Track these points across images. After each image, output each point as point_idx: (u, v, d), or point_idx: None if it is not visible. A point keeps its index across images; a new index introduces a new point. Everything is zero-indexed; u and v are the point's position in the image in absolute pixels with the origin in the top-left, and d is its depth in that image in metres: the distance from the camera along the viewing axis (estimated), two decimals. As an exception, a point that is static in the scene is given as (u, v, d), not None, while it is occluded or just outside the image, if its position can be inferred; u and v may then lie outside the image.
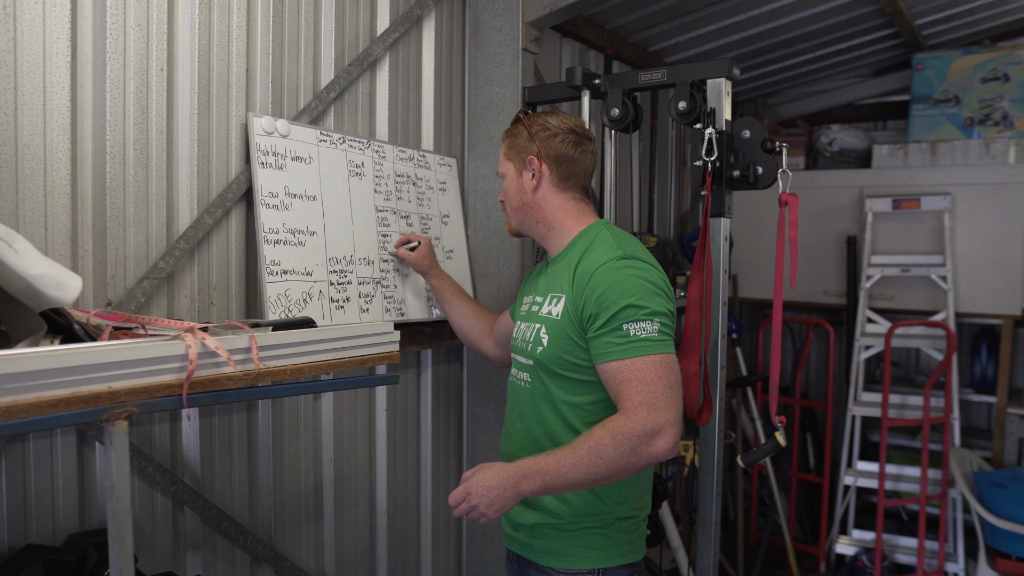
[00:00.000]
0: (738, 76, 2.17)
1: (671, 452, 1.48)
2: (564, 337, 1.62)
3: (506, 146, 1.83)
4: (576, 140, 1.76)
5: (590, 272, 1.58)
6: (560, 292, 1.66)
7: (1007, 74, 3.89)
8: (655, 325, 1.51)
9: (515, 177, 1.79)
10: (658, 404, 1.47)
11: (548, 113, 1.81)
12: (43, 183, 1.58)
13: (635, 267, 1.57)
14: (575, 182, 1.77)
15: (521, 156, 1.77)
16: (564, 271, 1.68)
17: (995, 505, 3.10)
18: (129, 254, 1.75)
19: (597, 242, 1.67)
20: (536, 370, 1.70)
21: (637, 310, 1.51)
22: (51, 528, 1.62)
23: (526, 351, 1.73)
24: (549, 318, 1.67)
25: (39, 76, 1.57)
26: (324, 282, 2.07)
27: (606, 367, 1.54)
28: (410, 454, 2.62)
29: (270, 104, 2.05)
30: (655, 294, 1.55)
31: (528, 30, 2.58)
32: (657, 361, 1.50)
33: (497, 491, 1.44)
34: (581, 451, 1.45)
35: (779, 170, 2.06)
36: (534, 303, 1.78)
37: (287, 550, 2.16)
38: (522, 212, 1.79)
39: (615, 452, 1.44)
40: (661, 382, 1.48)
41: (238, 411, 2.02)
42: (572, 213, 1.76)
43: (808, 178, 4.23)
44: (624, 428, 1.45)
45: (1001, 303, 3.68)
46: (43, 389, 1.11)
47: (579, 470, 1.44)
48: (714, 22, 3.44)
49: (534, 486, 1.45)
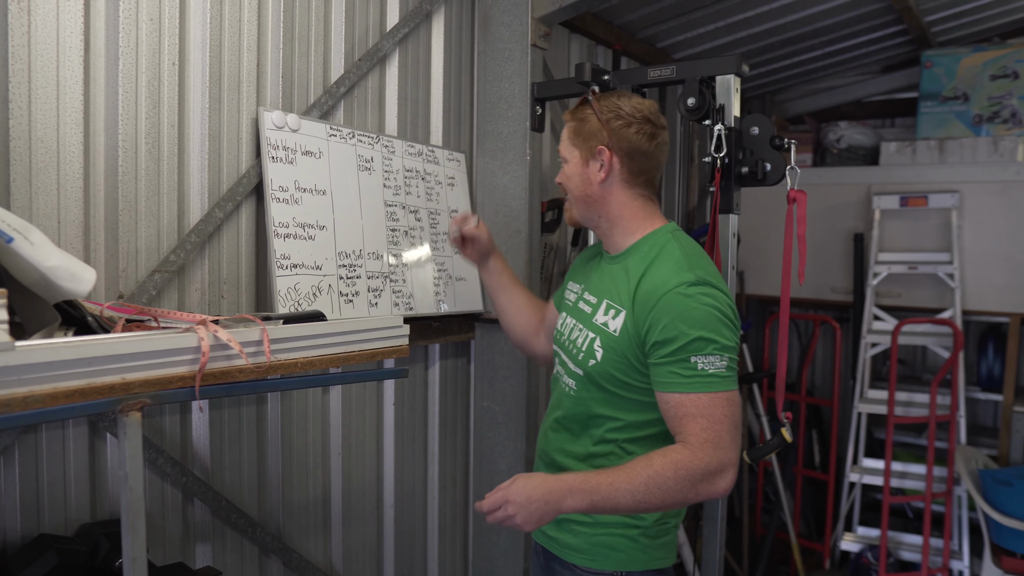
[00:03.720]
0: (747, 73, 2.17)
1: (728, 491, 1.42)
2: (620, 356, 1.51)
3: (571, 130, 1.63)
4: (652, 132, 1.58)
5: (656, 296, 1.45)
6: (619, 305, 1.54)
7: (1016, 71, 3.88)
8: (724, 361, 1.42)
9: (580, 166, 1.61)
10: (723, 443, 1.40)
11: (619, 95, 1.62)
12: (56, 176, 1.60)
13: (706, 294, 1.44)
14: (645, 178, 1.61)
15: (589, 144, 1.59)
16: (623, 280, 1.55)
17: (1001, 503, 3.10)
18: (141, 247, 1.76)
19: (664, 256, 1.52)
20: (584, 381, 1.59)
21: (707, 343, 1.41)
22: (63, 518, 1.64)
23: (576, 358, 1.61)
24: (605, 331, 1.55)
25: (53, 70, 1.58)
26: (333, 276, 2.08)
27: (668, 397, 1.45)
28: (417, 447, 2.63)
29: (280, 99, 2.06)
30: (725, 325, 1.44)
31: (537, 26, 2.58)
32: (724, 399, 1.42)
33: (538, 504, 1.37)
34: (638, 478, 1.38)
35: (787, 167, 2.06)
36: (583, 300, 1.67)
37: (295, 542, 2.17)
38: (584, 203, 1.63)
39: (675, 485, 1.38)
40: (727, 420, 1.41)
41: (248, 404, 2.03)
42: (639, 212, 1.61)
43: (816, 175, 4.22)
44: (688, 463, 1.38)
45: (1008, 301, 3.66)
46: (59, 380, 1.12)
47: (632, 496, 1.38)
48: (723, 18, 3.43)
49: (580, 504, 1.39)
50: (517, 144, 2.60)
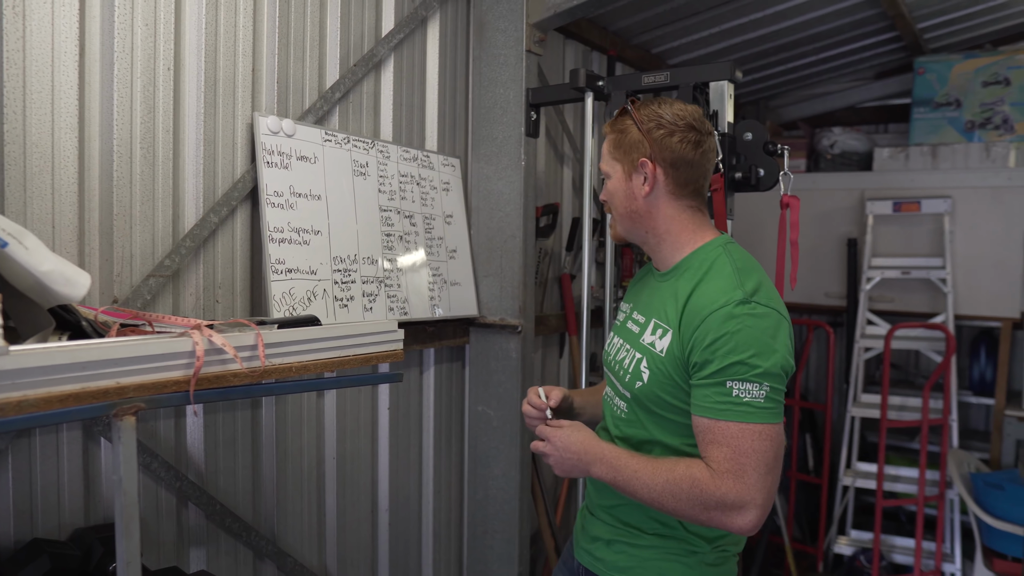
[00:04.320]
0: (740, 79, 2.18)
1: (752, 532, 1.34)
2: (666, 377, 1.44)
3: (611, 143, 1.54)
4: (696, 140, 1.48)
5: (703, 314, 1.37)
6: (666, 324, 1.46)
7: (1008, 78, 3.90)
8: (763, 389, 1.32)
9: (623, 180, 1.52)
10: (746, 478, 1.31)
11: (659, 102, 1.52)
12: (51, 181, 1.60)
13: (754, 314, 1.35)
14: (692, 188, 1.51)
15: (630, 157, 1.50)
16: (671, 298, 1.47)
17: (992, 506, 3.11)
18: (135, 252, 1.76)
19: (715, 272, 1.44)
20: (633, 404, 1.52)
21: (747, 369, 1.32)
22: (57, 522, 1.64)
23: (624, 380, 1.53)
24: (651, 351, 1.47)
25: (47, 75, 1.58)
26: (328, 281, 2.09)
27: (699, 421, 1.38)
28: (412, 452, 2.63)
29: (275, 104, 2.07)
30: (772, 350, 1.34)
31: (532, 32, 2.59)
32: (756, 432, 1.32)
33: (571, 457, 1.45)
34: (658, 478, 1.37)
35: (781, 172, 2.07)
36: (632, 319, 1.59)
37: (290, 546, 2.17)
38: (630, 220, 1.54)
39: (687, 498, 1.34)
40: (755, 455, 1.31)
41: (242, 408, 2.03)
42: (687, 225, 1.51)
43: (809, 180, 4.24)
44: (704, 484, 1.33)
45: (1000, 306, 3.69)
46: (53, 384, 1.12)
47: (648, 492, 1.38)
48: (717, 25, 3.45)
49: (604, 475, 1.43)
50: (512, 149, 2.61)
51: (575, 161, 3.30)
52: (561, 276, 3.21)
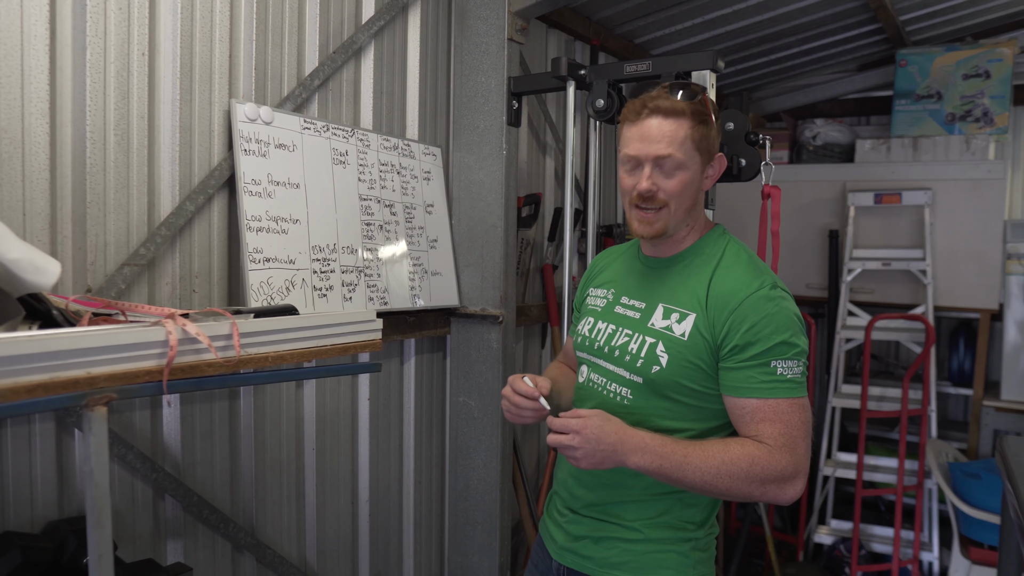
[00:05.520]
0: (723, 69, 2.18)
1: (794, 500, 1.41)
2: (687, 361, 1.44)
3: (699, 134, 1.46)
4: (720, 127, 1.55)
5: (739, 298, 1.41)
6: (684, 309, 1.46)
7: (988, 71, 3.93)
8: (800, 367, 1.41)
9: (699, 172, 1.48)
10: (798, 449, 1.38)
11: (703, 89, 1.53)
12: (21, 168, 1.57)
13: (786, 299, 1.44)
14: None
15: (711, 150, 1.50)
16: (684, 283, 1.49)
17: (969, 495, 3.14)
18: (109, 240, 1.74)
19: (732, 259, 1.49)
20: (644, 390, 1.49)
21: (789, 348, 1.39)
22: (29, 515, 1.61)
23: (632, 365, 1.49)
24: (668, 335, 1.46)
25: (17, 59, 1.55)
26: (307, 270, 2.06)
27: (744, 403, 1.40)
28: (392, 442, 2.62)
29: (253, 91, 2.04)
30: (802, 331, 1.43)
31: (514, 20, 2.57)
32: (800, 405, 1.40)
33: (606, 449, 1.35)
34: (712, 460, 1.36)
35: (762, 162, 2.07)
36: (623, 304, 1.57)
37: (269, 537, 2.16)
38: (686, 212, 1.50)
39: (746, 478, 1.36)
40: (802, 427, 1.39)
41: (220, 399, 2.01)
42: (702, 215, 1.56)
43: (792, 172, 4.25)
44: (764, 461, 1.36)
45: (979, 297, 3.72)
46: (21, 374, 1.10)
47: (701, 476, 1.36)
48: (700, 15, 3.45)
49: (647, 464, 1.36)
50: (493, 138, 2.59)
51: (557, 151, 3.29)
52: (543, 266, 3.20)
